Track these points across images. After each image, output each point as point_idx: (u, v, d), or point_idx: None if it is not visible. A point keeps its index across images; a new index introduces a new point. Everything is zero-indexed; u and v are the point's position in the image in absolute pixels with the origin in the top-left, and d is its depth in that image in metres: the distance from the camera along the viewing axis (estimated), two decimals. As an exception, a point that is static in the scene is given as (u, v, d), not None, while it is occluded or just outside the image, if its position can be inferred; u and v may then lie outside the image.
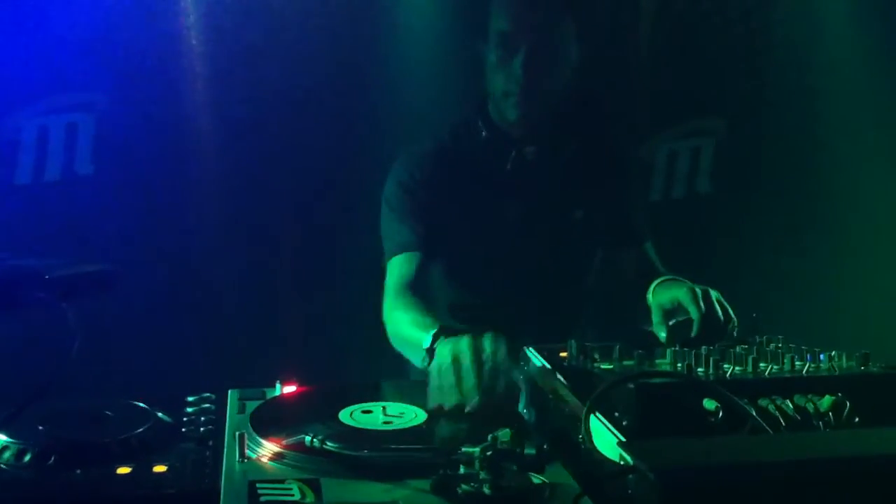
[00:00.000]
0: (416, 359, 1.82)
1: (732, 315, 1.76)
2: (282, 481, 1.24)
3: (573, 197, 2.17)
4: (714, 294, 1.78)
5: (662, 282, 1.89)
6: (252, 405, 1.55)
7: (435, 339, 1.71)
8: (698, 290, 1.78)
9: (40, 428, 1.48)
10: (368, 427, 1.43)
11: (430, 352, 1.70)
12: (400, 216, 2.14)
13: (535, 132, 2.12)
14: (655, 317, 1.82)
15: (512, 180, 2.13)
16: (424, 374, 1.67)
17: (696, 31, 2.95)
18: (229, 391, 1.65)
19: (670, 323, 1.80)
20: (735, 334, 1.74)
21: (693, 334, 1.75)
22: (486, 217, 2.14)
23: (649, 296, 1.87)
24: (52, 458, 1.40)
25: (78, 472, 1.38)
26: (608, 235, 2.21)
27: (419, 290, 2.04)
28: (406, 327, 1.93)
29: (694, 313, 1.74)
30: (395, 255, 2.11)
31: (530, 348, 1.66)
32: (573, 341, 1.60)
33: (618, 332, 1.88)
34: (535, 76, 2.04)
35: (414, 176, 2.16)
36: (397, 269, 2.09)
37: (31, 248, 2.28)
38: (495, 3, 2.12)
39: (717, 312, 1.75)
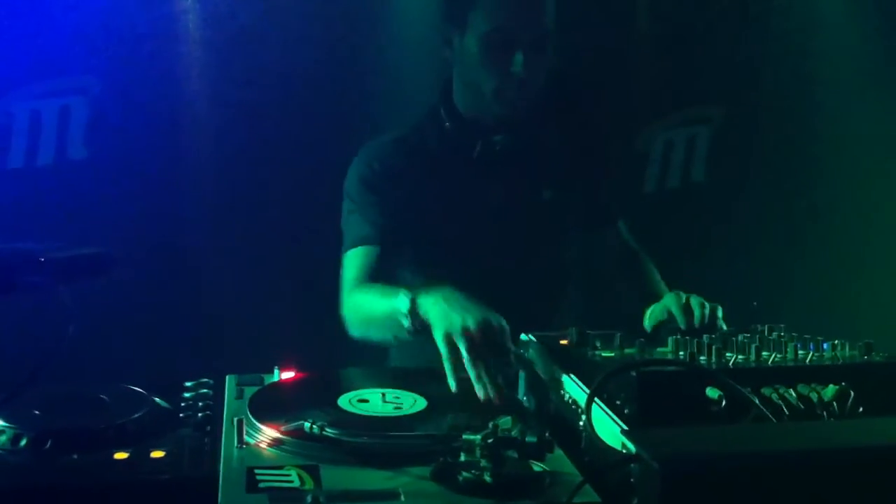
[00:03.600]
0: (389, 332, 1.82)
1: (719, 318, 1.75)
2: (280, 467, 1.24)
3: (541, 181, 2.15)
4: (696, 300, 1.77)
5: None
6: (250, 391, 1.54)
7: (414, 298, 1.69)
8: (683, 297, 1.78)
9: (36, 413, 1.47)
10: (368, 413, 1.43)
11: (413, 313, 1.68)
12: (360, 208, 2.12)
13: (508, 122, 2.10)
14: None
15: (478, 169, 2.11)
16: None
17: (693, 19, 2.93)
18: (227, 377, 1.64)
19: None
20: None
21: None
22: (452, 206, 2.11)
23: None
24: (49, 443, 1.39)
25: (74, 457, 1.36)
26: (583, 217, 2.20)
27: (379, 282, 2.00)
28: (372, 303, 1.90)
29: (681, 321, 1.74)
30: (352, 247, 2.08)
31: (530, 335, 1.66)
32: (573, 329, 1.60)
33: (600, 316, 1.86)
34: (533, 74, 2.03)
35: (374, 168, 2.14)
36: (355, 261, 2.06)
37: (25, 231, 2.27)
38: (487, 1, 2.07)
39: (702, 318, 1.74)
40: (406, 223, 2.09)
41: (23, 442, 1.40)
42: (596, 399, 1.30)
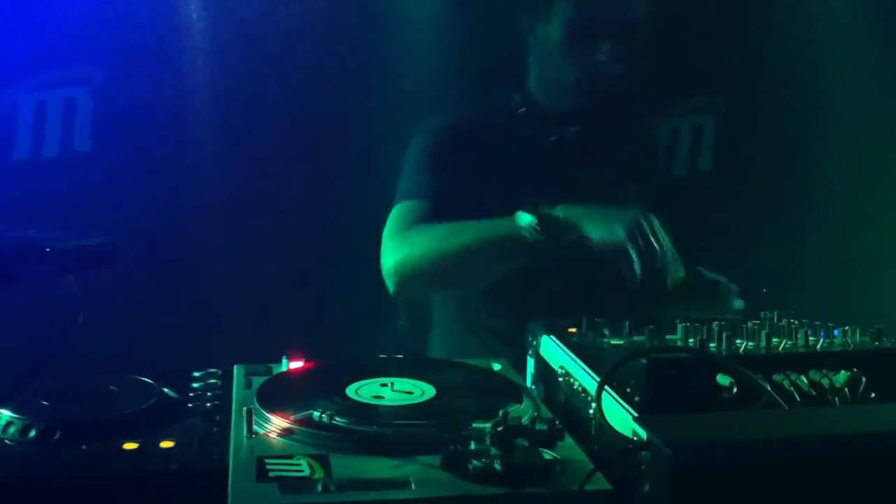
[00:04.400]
0: (485, 263, 1.87)
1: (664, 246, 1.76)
2: (290, 457, 1.23)
3: (614, 173, 2.14)
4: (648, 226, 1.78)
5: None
6: (258, 381, 1.54)
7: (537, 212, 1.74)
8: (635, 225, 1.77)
9: (45, 404, 1.47)
10: (377, 403, 1.42)
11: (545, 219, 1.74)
12: (419, 172, 2.08)
13: (583, 114, 2.08)
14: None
15: (550, 158, 2.09)
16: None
17: (696, 8, 2.92)
18: (235, 367, 1.63)
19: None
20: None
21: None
22: (514, 192, 2.08)
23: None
24: (58, 434, 1.39)
25: (84, 447, 1.36)
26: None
27: None
28: (458, 233, 1.89)
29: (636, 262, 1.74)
30: (402, 201, 2.05)
31: (539, 324, 1.65)
32: (584, 317, 1.59)
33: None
34: (616, 65, 2.01)
35: (439, 141, 2.11)
36: (403, 213, 2.03)
37: (30, 222, 2.27)
38: None
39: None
40: (463, 204, 2.02)
41: (32, 433, 1.39)
42: (606, 387, 1.29)
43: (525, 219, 1.83)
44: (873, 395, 1.28)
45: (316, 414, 1.31)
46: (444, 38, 2.63)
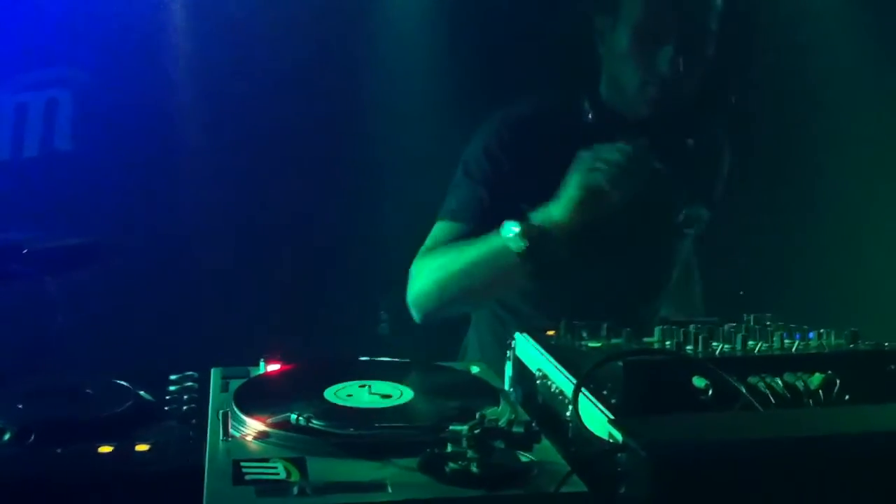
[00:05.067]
0: (481, 278, 1.88)
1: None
2: (266, 460, 1.23)
3: (677, 196, 2.10)
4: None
5: None
6: (236, 383, 1.53)
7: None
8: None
9: (20, 406, 1.46)
10: (354, 405, 1.42)
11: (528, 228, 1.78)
12: (470, 182, 2.06)
13: (652, 124, 2.04)
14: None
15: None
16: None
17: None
18: (212, 369, 1.62)
19: None
20: None
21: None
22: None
23: None
24: (33, 437, 1.38)
25: (59, 450, 1.35)
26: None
27: None
28: (457, 254, 1.92)
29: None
30: (443, 219, 2.04)
31: (522, 333, 1.65)
32: (562, 319, 1.59)
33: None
34: (679, 73, 1.96)
35: (503, 140, 2.07)
36: (438, 233, 2.03)
37: (12, 223, 2.26)
38: None
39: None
40: (515, 202, 1.99)
41: (6, 436, 1.39)
42: (583, 389, 1.29)
43: (507, 228, 1.81)
44: (847, 397, 1.29)
45: (293, 417, 1.31)
46: (435, 39, 2.63)
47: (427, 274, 1.98)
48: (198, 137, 2.66)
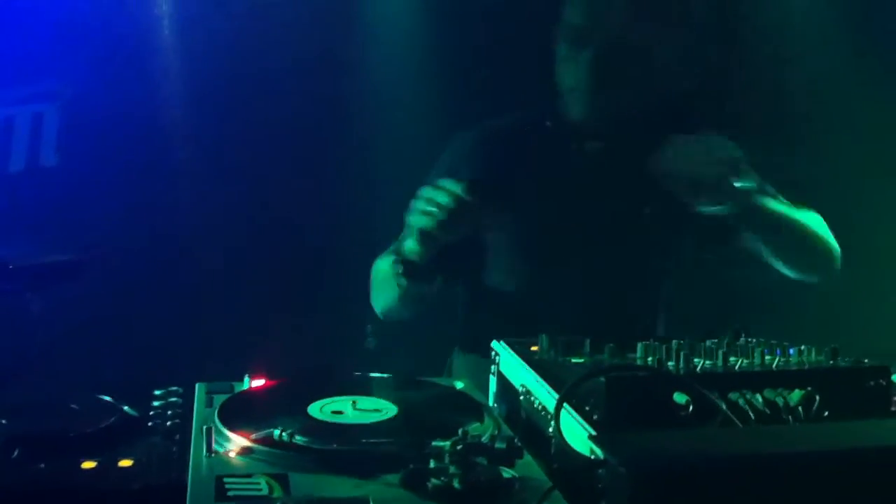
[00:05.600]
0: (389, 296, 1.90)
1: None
2: (249, 476, 1.23)
3: (640, 195, 2.07)
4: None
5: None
6: (220, 398, 1.53)
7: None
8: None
9: (3, 421, 1.46)
10: (338, 421, 1.42)
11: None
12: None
13: (603, 129, 2.05)
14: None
15: (572, 175, 2.07)
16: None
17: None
18: (196, 384, 1.63)
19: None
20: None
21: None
22: (540, 210, 2.08)
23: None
24: (16, 452, 1.38)
25: (42, 465, 1.36)
26: (694, 234, 2.11)
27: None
28: (383, 261, 1.97)
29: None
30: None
31: (500, 342, 1.66)
32: (544, 335, 1.60)
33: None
34: (603, 74, 1.98)
35: (461, 163, 2.10)
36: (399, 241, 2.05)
37: (5, 237, 2.25)
38: None
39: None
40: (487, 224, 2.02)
41: (-10, 450, 1.39)
42: (565, 405, 1.30)
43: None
44: (826, 413, 1.30)
45: (276, 432, 1.31)
46: (429, 45, 2.64)
47: (371, 277, 2.05)
48: (186, 151, 2.66)
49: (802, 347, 1.47)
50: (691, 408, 1.27)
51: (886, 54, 2.88)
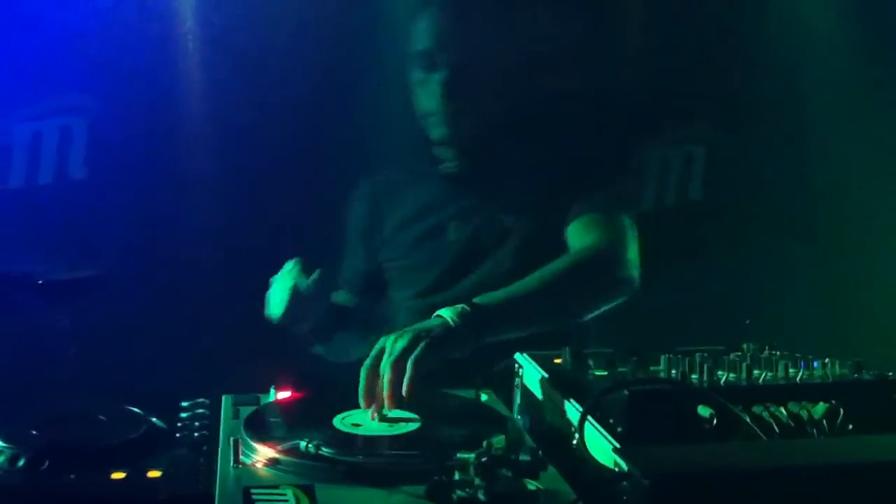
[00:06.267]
0: None
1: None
2: (276, 487, 1.24)
3: (501, 208, 2.09)
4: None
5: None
6: (246, 410, 1.55)
7: None
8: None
9: (34, 432, 1.48)
10: (363, 433, 1.43)
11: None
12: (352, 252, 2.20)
13: (464, 150, 2.08)
14: None
15: (441, 192, 2.13)
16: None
17: (683, 37, 2.95)
18: (223, 396, 1.65)
19: None
20: None
21: None
22: (421, 230, 2.14)
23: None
24: (46, 463, 1.40)
25: (72, 476, 1.37)
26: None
27: None
28: None
29: None
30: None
31: (524, 354, 1.67)
32: (567, 348, 1.61)
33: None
34: (457, 96, 2.01)
35: (366, 211, 2.21)
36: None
37: (26, 252, 2.28)
38: (419, 21, 2.08)
39: None
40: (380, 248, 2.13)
41: (20, 462, 1.41)
42: (588, 417, 1.31)
43: None
44: (851, 426, 1.30)
45: (302, 444, 1.33)
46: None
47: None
48: (208, 166, 2.68)
49: (826, 360, 1.47)
50: (715, 421, 1.27)
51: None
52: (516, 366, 1.68)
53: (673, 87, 2.95)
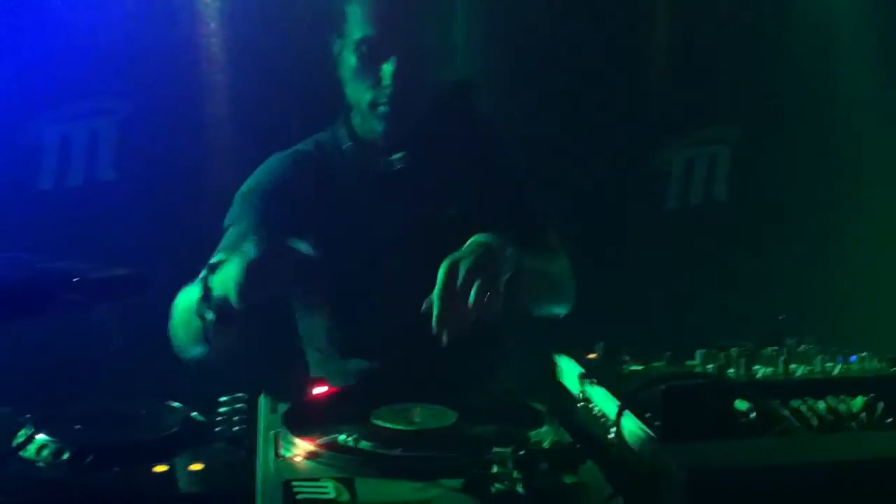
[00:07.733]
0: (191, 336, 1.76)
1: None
2: (316, 479, 1.26)
3: (446, 198, 2.01)
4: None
5: None
6: (284, 405, 1.57)
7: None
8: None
9: (78, 427, 1.51)
10: (401, 427, 1.45)
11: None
12: (236, 223, 2.01)
13: (405, 140, 1.97)
14: None
15: (380, 190, 2.01)
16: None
17: (707, 38, 2.95)
18: (262, 391, 1.66)
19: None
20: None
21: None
22: (352, 229, 1.99)
23: None
24: (90, 457, 1.43)
25: (115, 470, 1.40)
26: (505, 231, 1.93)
27: None
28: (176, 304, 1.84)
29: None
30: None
31: (559, 349, 1.68)
32: (601, 343, 1.62)
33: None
34: (407, 85, 1.90)
35: (273, 184, 2.03)
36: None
37: (55, 251, 2.31)
38: (356, 6, 1.95)
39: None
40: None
41: (65, 456, 1.44)
42: (625, 411, 1.32)
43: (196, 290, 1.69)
44: (889, 420, 1.30)
45: (341, 438, 1.34)
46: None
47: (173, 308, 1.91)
48: (233, 167, 2.69)
49: (863, 354, 1.47)
50: (753, 415, 1.28)
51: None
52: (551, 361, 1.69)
53: (696, 87, 2.94)
